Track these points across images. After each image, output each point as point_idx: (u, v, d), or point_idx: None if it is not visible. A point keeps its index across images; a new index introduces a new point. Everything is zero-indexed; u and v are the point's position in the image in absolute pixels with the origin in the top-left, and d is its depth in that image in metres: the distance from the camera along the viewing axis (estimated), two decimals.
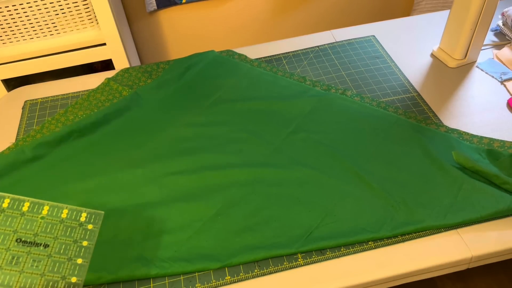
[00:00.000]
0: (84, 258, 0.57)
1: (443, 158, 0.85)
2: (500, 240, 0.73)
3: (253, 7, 1.68)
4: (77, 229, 0.58)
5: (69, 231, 0.57)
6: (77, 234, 0.57)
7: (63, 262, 0.55)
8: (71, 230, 0.57)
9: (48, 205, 0.57)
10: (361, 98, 1.00)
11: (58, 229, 0.57)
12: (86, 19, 1.31)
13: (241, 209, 0.79)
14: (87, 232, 0.58)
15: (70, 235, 0.57)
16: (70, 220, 0.57)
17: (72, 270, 0.55)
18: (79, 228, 0.58)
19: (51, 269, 0.54)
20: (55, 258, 0.55)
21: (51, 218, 0.57)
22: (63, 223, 0.57)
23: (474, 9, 0.97)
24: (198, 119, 0.97)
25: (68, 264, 0.55)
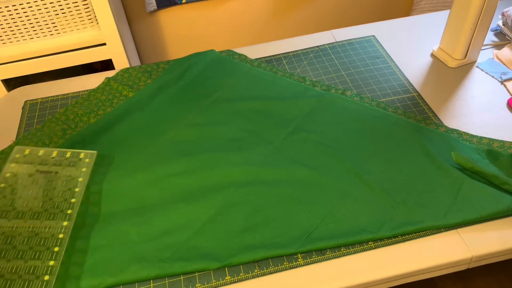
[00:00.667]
0: (83, 177, 0.80)
1: (443, 158, 0.85)
2: (500, 240, 0.73)
3: (253, 7, 1.68)
4: (77, 162, 0.83)
5: (72, 164, 0.82)
6: (78, 165, 0.82)
7: (67, 180, 0.80)
8: (73, 163, 0.83)
9: (57, 151, 0.85)
10: (360, 98, 1.00)
11: (64, 163, 0.82)
12: (86, 19, 1.31)
13: (241, 209, 0.79)
14: (85, 163, 0.83)
15: (73, 165, 0.82)
16: (72, 157, 0.84)
17: (75, 184, 0.80)
18: (78, 161, 0.83)
19: (59, 185, 0.79)
20: (62, 178, 0.80)
21: (59, 157, 0.84)
22: (67, 159, 0.83)
23: (474, 9, 0.97)
24: (198, 119, 0.97)
25: (73, 181, 0.80)
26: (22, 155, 0.82)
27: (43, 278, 0.66)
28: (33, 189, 0.77)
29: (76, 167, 0.81)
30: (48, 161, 0.81)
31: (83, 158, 0.82)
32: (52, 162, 0.81)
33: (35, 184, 0.78)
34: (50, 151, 0.83)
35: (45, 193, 0.77)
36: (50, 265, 0.68)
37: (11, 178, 0.79)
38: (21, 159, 0.82)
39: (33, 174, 0.79)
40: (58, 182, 0.79)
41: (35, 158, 0.81)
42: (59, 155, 0.82)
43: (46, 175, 0.79)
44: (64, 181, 0.79)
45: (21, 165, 0.80)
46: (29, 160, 0.81)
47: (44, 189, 0.77)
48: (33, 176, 0.78)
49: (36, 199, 0.76)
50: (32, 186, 0.78)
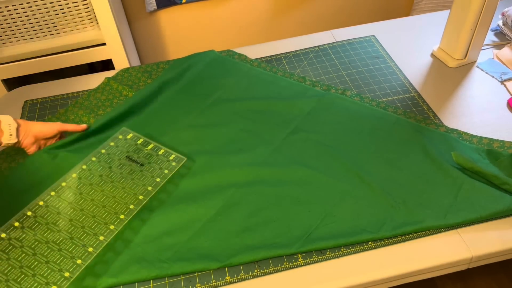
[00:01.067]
0: (162, 178, 0.82)
1: (443, 158, 0.85)
2: (500, 240, 0.73)
3: (253, 7, 1.68)
4: (165, 162, 0.84)
5: (159, 162, 0.84)
6: (163, 164, 0.84)
7: (148, 177, 0.82)
8: (161, 161, 0.84)
9: (153, 144, 0.87)
10: (360, 98, 1.00)
11: (153, 159, 0.85)
12: (86, 19, 1.31)
13: (241, 209, 0.79)
14: (171, 165, 0.84)
15: (159, 164, 0.84)
16: (163, 156, 0.85)
17: (151, 183, 0.81)
18: (166, 162, 0.84)
19: (140, 179, 0.82)
20: (145, 173, 0.82)
21: (152, 151, 0.86)
22: (158, 156, 0.85)
23: (474, 9, 0.97)
24: (198, 119, 0.97)
25: (150, 179, 0.82)
26: (124, 138, 0.87)
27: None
28: (114, 173, 0.82)
29: (161, 167, 0.83)
30: (141, 152, 0.84)
31: (171, 161, 0.84)
32: (143, 154, 0.84)
33: (118, 168, 0.82)
34: (147, 143, 0.86)
35: (120, 182, 0.81)
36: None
37: (103, 155, 0.85)
38: (120, 141, 0.86)
39: (123, 158, 0.83)
40: (137, 174, 0.82)
41: (131, 145, 0.85)
42: (153, 149, 0.85)
43: (131, 164, 0.82)
44: (143, 176, 0.82)
45: (118, 146, 0.85)
46: (126, 144, 0.86)
47: (121, 177, 0.81)
48: (121, 160, 0.83)
49: (111, 183, 0.80)
50: (113, 170, 0.82)
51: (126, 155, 0.83)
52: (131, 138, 0.86)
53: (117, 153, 0.84)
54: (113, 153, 0.84)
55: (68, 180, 0.81)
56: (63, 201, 0.77)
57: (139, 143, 0.85)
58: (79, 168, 0.83)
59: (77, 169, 0.83)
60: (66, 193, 0.79)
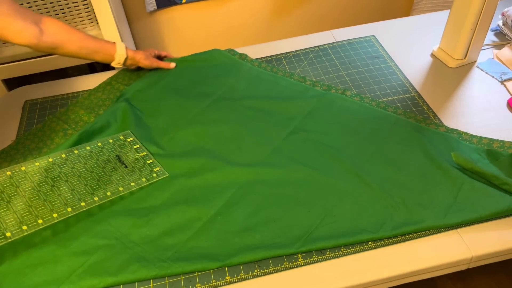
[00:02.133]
0: (136, 184, 0.84)
1: (443, 158, 0.85)
2: (500, 240, 0.73)
3: (253, 7, 1.68)
4: (148, 171, 0.86)
5: (142, 169, 0.86)
6: (145, 172, 0.86)
7: (125, 179, 0.84)
8: (144, 169, 0.86)
9: (145, 152, 0.89)
10: (360, 98, 1.00)
11: (138, 165, 0.87)
12: (86, 19, 1.31)
13: (241, 209, 0.79)
14: (151, 176, 0.85)
15: (141, 171, 0.86)
16: (149, 165, 0.87)
17: (125, 184, 0.84)
18: (149, 172, 0.86)
19: (116, 178, 0.84)
20: (124, 174, 0.85)
21: (141, 159, 0.88)
22: (145, 164, 0.87)
23: (474, 9, 0.97)
24: (198, 118, 0.97)
25: (126, 181, 0.84)
26: (124, 139, 0.91)
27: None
28: (98, 165, 0.86)
29: (141, 174, 0.85)
30: (131, 155, 0.88)
31: (153, 172, 0.86)
32: (133, 159, 0.87)
33: (103, 162, 0.86)
34: (141, 150, 0.89)
35: (98, 173, 0.85)
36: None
37: (97, 147, 0.90)
38: (119, 141, 0.91)
39: (112, 155, 0.87)
40: (117, 173, 0.85)
41: (126, 146, 0.89)
42: (143, 157, 0.88)
43: (117, 163, 0.86)
44: (121, 176, 0.85)
45: (114, 144, 0.90)
46: (123, 144, 0.90)
47: (103, 171, 0.85)
48: (110, 156, 0.87)
49: (91, 173, 0.85)
50: (98, 162, 0.86)
51: (116, 154, 0.87)
52: (129, 141, 0.90)
53: (110, 150, 0.88)
54: (106, 149, 0.88)
55: (55, 157, 0.86)
56: (40, 171, 0.84)
57: (134, 148, 0.89)
58: (71, 150, 0.88)
59: (68, 150, 0.88)
60: (53, 166, 0.85)
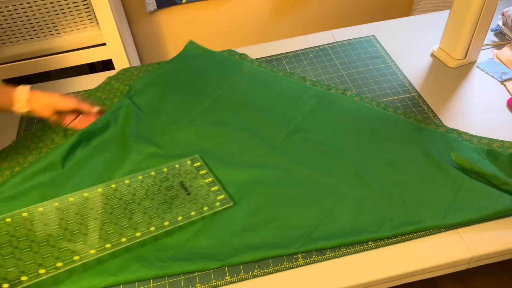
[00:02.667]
0: (197, 214, 0.78)
1: (443, 158, 0.85)
2: (500, 240, 0.73)
3: (253, 7, 1.68)
4: (212, 199, 0.80)
5: (206, 197, 0.81)
6: (209, 200, 0.80)
7: (185, 207, 0.79)
8: (208, 197, 0.81)
9: (211, 179, 0.84)
10: (360, 98, 1.00)
11: (202, 193, 0.81)
12: (86, 19, 1.31)
13: (241, 209, 0.79)
14: (214, 205, 0.80)
15: (204, 198, 0.81)
16: (213, 193, 0.81)
17: (188, 215, 0.79)
18: (213, 199, 0.80)
19: (177, 206, 0.80)
20: (186, 202, 0.80)
21: (207, 185, 0.83)
22: (209, 192, 0.82)
23: (474, 9, 0.97)
24: (198, 118, 0.97)
25: (187, 210, 0.79)
26: (191, 164, 0.86)
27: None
28: (160, 192, 0.81)
29: (203, 202, 0.80)
30: (195, 181, 0.83)
31: (217, 200, 0.80)
32: (197, 184, 0.82)
33: (166, 189, 0.82)
34: (208, 175, 0.84)
35: (158, 201, 0.80)
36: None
37: (161, 173, 0.85)
38: (185, 166, 0.86)
39: (176, 181, 0.83)
40: (178, 201, 0.80)
41: (191, 172, 0.84)
42: (208, 184, 0.83)
43: (179, 190, 0.81)
44: (182, 204, 0.80)
45: (180, 170, 0.85)
46: (186, 169, 0.85)
47: (163, 198, 0.81)
48: (173, 182, 0.83)
49: (151, 201, 0.80)
50: (161, 189, 0.82)
51: (181, 180, 0.82)
52: (196, 167, 0.85)
53: (175, 175, 0.84)
54: (171, 175, 0.84)
55: (119, 183, 0.83)
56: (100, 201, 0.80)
57: (200, 174, 0.84)
58: (135, 177, 0.84)
59: (133, 176, 0.84)
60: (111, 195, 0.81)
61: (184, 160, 0.87)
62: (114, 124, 0.96)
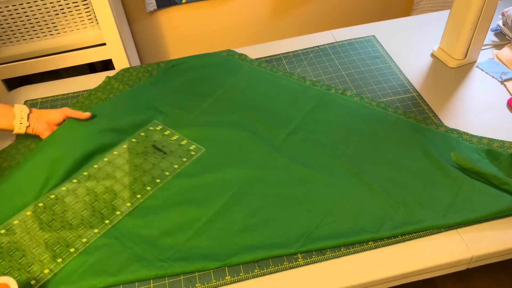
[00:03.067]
0: (180, 165, 0.88)
1: (443, 158, 0.85)
2: (500, 240, 0.73)
3: (253, 7, 1.68)
4: (185, 151, 0.90)
5: (180, 151, 0.90)
6: (183, 153, 0.90)
7: (167, 163, 0.88)
8: (181, 151, 0.90)
9: (177, 136, 0.93)
10: (360, 98, 1.00)
11: (175, 149, 0.91)
12: (86, 19, 1.31)
13: (241, 209, 0.79)
14: (189, 155, 0.89)
15: (179, 153, 0.90)
16: (184, 145, 0.91)
17: (172, 168, 0.87)
18: (186, 151, 0.90)
19: (160, 164, 0.88)
20: (168, 160, 0.88)
21: (176, 142, 0.92)
22: (180, 146, 0.91)
23: (474, 9, 0.97)
24: (198, 119, 0.97)
25: (169, 165, 0.87)
26: (154, 128, 0.94)
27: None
28: (139, 157, 0.89)
29: (180, 155, 0.89)
30: (165, 141, 0.91)
31: (191, 150, 0.90)
32: (167, 144, 0.91)
33: (143, 154, 0.89)
34: (172, 134, 0.93)
35: (142, 166, 0.87)
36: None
37: (133, 143, 0.92)
38: (150, 132, 0.94)
39: (148, 146, 0.90)
40: (159, 160, 0.88)
41: (158, 134, 0.93)
42: (176, 140, 0.91)
43: (156, 152, 0.89)
44: (163, 163, 0.88)
45: (147, 136, 0.93)
46: (153, 134, 0.93)
47: (145, 161, 0.88)
48: (147, 148, 0.90)
49: (135, 169, 0.87)
50: (139, 155, 0.89)
51: (152, 144, 0.90)
52: (160, 129, 0.94)
53: (145, 142, 0.91)
54: (141, 142, 0.91)
55: (99, 163, 0.88)
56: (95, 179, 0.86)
57: (166, 134, 0.92)
58: (111, 153, 0.89)
59: (108, 155, 0.89)
60: (100, 172, 0.87)
61: (146, 127, 0.94)
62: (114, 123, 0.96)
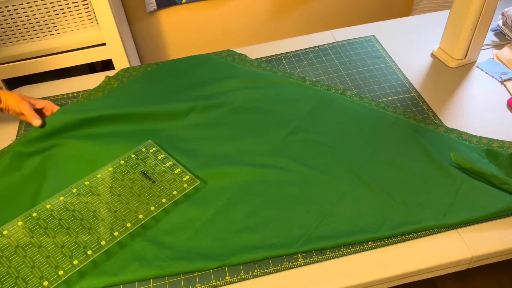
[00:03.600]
0: (168, 200, 0.79)
1: (442, 158, 0.85)
2: (500, 240, 0.73)
3: (253, 7, 1.68)
4: (178, 182, 0.81)
5: (172, 181, 0.82)
6: (175, 183, 0.82)
7: (155, 196, 0.80)
8: (174, 181, 0.82)
9: (172, 162, 0.85)
10: (360, 98, 1.00)
11: (167, 178, 0.82)
12: (86, 19, 1.31)
13: (240, 209, 0.79)
14: (182, 187, 0.81)
15: (170, 184, 0.82)
16: (177, 175, 0.82)
17: (156, 202, 0.79)
18: (179, 182, 0.81)
19: (146, 197, 0.80)
20: (154, 191, 0.80)
21: (168, 169, 0.84)
22: (173, 175, 0.83)
23: (474, 9, 0.97)
24: (197, 119, 0.97)
25: (157, 198, 0.80)
26: (146, 151, 0.86)
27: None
28: (124, 186, 0.81)
29: (171, 187, 0.81)
30: (157, 167, 0.83)
31: (184, 182, 0.82)
32: (159, 171, 0.83)
33: (130, 182, 0.82)
34: (167, 160, 0.85)
35: (126, 196, 0.80)
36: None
37: (121, 166, 0.84)
38: (142, 154, 0.86)
39: (137, 172, 0.83)
40: (146, 191, 0.80)
41: (149, 158, 0.85)
42: (170, 167, 0.83)
43: (144, 180, 0.81)
44: (150, 194, 0.80)
45: (137, 159, 0.85)
46: (144, 157, 0.85)
47: (130, 192, 0.80)
48: (135, 174, 0.82)
49: (118, 197, 0.80)
50: (125, 183, 0.82)
51: (141, 170, 0.82)
52: (153, 152, 0.86)
53: (134, 166, 0.84)
54: (130, 165, 0.84)
55: (79, 186, 0.82)
56: (78, 200, 0.80)
57: (159, 159, 0.84)
58: (94, 175, 0.83)
59: (91, 177, 0.83)
60: (80, 196, 0.81)
61: (138, 148, 0.87)
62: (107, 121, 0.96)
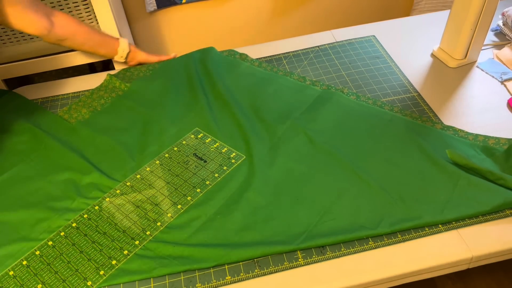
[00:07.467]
0: (220, 174, 0.86)
1: (439, 154, 0.85)
2: (500, 240, 0.73)
3: (253, 7, 1.68)
4: (226, 160, 0.89)
5: (221, 159, 0.89)
6: (224, 161, 0.88)
7: (208, 172, 0.87)
8: (222, 159, 0.89)
9: (218, 143, 0.92)
10: (357, 97, 1.00)
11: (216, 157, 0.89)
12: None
13: (240, 208, 0.79)
14: (230, 163, 0.88)
15: (220, 161, 0.89)
16: (225, 154, 0.90)
17: (212, 178, 0.86)
18: (227, 159, 0.89)
19: (201, 174, 0.87)
20: (207, 169, 0.88)
21: (216, 150, 0.91)
22: (221, 155, 0.90)
23: (474, 9, 0.97)
24: (196, 118, 0.97)
25: (210, 174, 0.86)
26: (195, 137, 0.93)
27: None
28: (180, 166, 0.88)
29: (221, 163, 0.88)
30: (206, 149, 0.91)
31: (231, 158, 0.88)
32: (208, 151, 0.90)
33: (184, 163, 0.89)
34: (213, 142, 0.92)
35: (183, 175, 0.87)
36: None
37: (175, 152, 0.91)
38: (191, 140, 0.93)
39: (189, 155, 0.90)
40: (200, 169, 0.87)
41: (200, 143, 0.92)
42: (217, 148, 0.90)
43: (197, 160, 0.88)
44: (205, 171, 0.87)
45: (188, 145, 0.92)
46: (195, 142, 0.92)
47: (187, 170, 0.87)
48: (188, 156, 0.90)
49: (177, 176, 0.86)
50: (180, 164, 0.89)
51: (193, 152, 0.90)
52: (200, 137, 0.93)
53: (186, 151, 0.91)
54: (182, 150, 0.91)
55: (141, 172, 0.88)
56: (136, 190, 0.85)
57: (207, 142, 0.92)
58: (153, 162, 0.89)
59: (151, 164, 0.89)
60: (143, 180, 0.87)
61: (187, 135, 0.94)
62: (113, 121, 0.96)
